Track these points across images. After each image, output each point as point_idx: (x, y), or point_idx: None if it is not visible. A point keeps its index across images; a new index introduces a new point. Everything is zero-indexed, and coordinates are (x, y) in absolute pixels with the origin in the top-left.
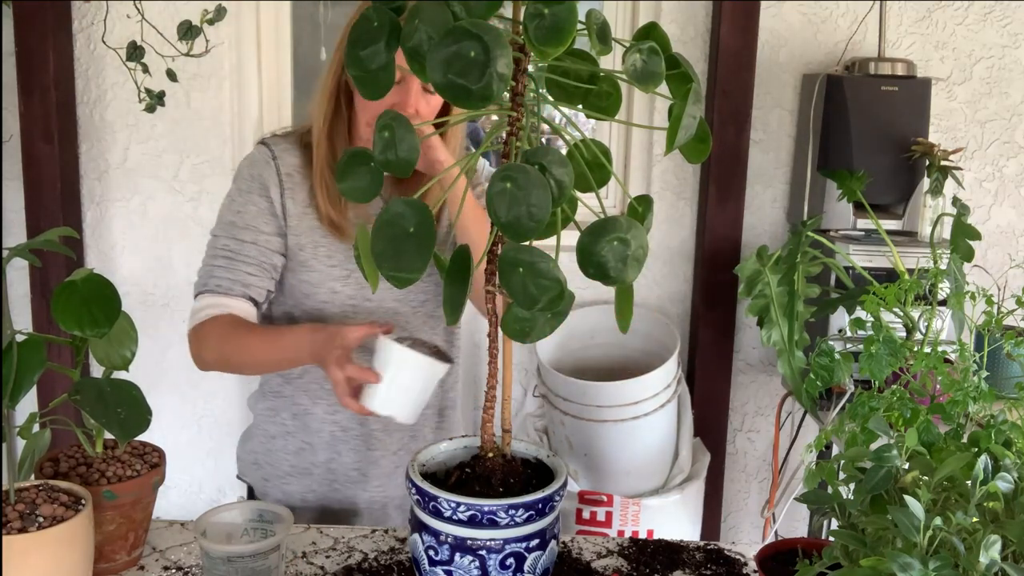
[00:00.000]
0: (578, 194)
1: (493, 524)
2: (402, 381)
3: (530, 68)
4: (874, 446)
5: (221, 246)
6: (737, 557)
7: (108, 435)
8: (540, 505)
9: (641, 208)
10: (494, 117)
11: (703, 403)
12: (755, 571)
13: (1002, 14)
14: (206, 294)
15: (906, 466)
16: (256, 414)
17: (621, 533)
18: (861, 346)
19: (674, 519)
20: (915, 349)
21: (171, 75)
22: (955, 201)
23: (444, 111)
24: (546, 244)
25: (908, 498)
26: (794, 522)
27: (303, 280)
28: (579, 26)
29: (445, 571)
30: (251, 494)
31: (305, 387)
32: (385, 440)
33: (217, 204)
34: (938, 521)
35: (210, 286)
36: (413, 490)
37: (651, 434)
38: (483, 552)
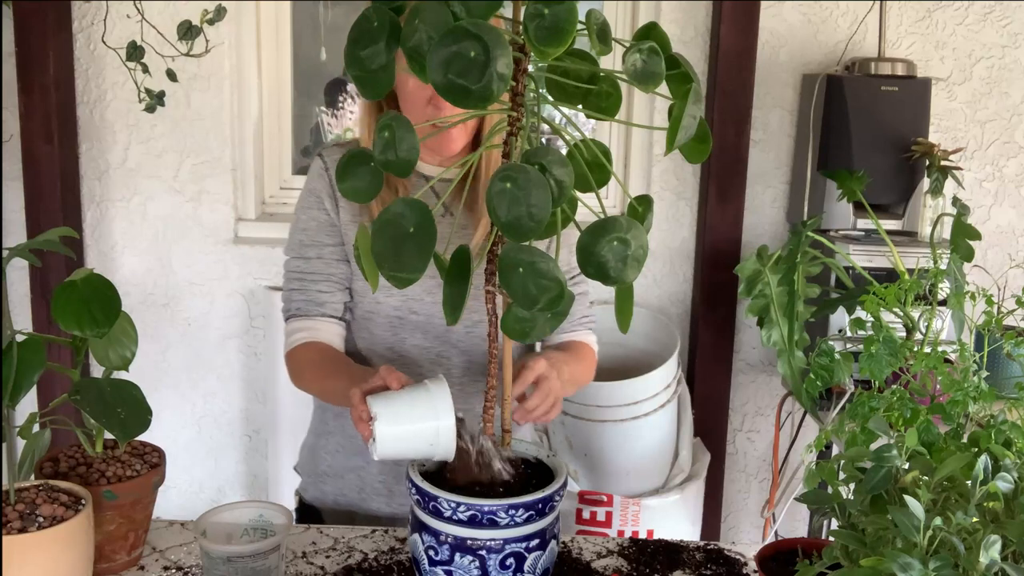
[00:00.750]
0: (578, 194)
1: (493, 524)
2: (416, 417)
3: (530, 68)
4: (874, 446)
5: (293, 268)
6: (737, 557)
7: (108, 435)
8: (540, 505)
9: (641, 208)
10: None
11: (703, 403)
12: (755, 571)
13: (1002, 14)
14: (292, 319)
15: (906, 466)
16: (313, 408)
17: (621, 533)
18: (861, 346)
19: (674, 519)
20: (915, 349)
21: (171, 75)
22: (955, 201)
23: None
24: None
25: (908, 498)
26: (794, 522)
27: (354, 289)
28: (579, 26)
29: (445, 571)
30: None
31: None
32: None
33: (217, 204)
34: (938, 521)
35: (291, 311)
36: (413, 490)
37: (651, 434)
38: (483, 552)
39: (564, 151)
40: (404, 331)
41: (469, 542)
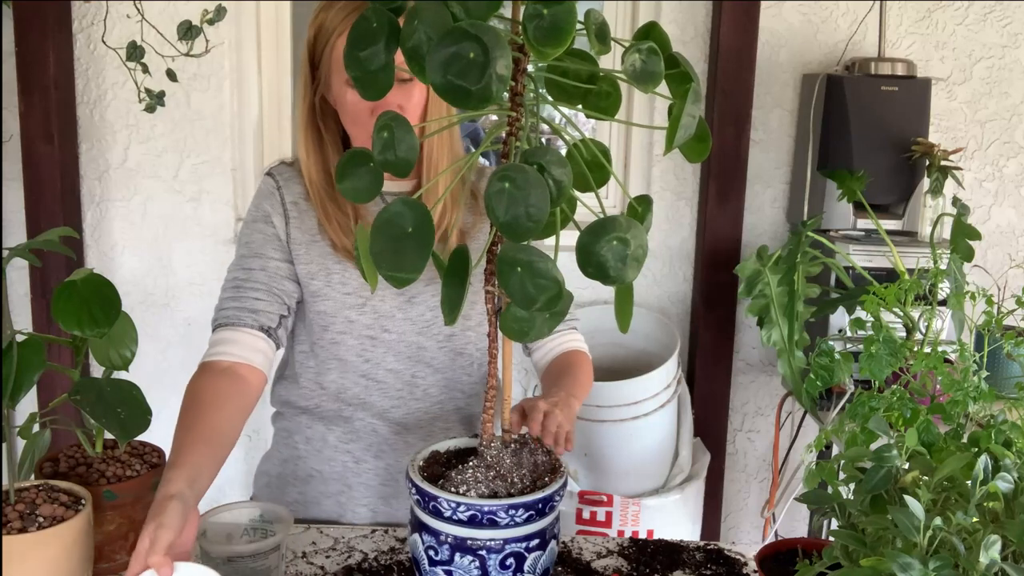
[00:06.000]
0: (577, 194)
1: (493, 524)
2: None
3: (529, 68)
4: (874, 446)
5: (231, 279)
6: (737, 557)
7: (108, 435)
8: (540, 505)
9: (641, 208)
10: (493, 117)
11: (703, 403)
12: (755, 571)
13: (1002, 14)
14: (217, 329)
15: (906, 466)
16: (273, 434)
17: (621, 533)
18: (861, 346)
19: (674, 519)
20: (915, 349)
21: (171, 75)
22: (955, 201)
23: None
24: (546, 244)
25: (908, 498)
26: (794, 522)
27: (319, 311)
28: (578, 26)
29: (445, 571)
30: None
31: (321, 413)
32: (401, 480)
33: (217, 204)
34: (938, 521)
35: (219, 319)
36: (413, 490)
37: (651, 434)
38: (483, 552)
39: (564, 151)
40: (376, 354)
41: (469, 542)
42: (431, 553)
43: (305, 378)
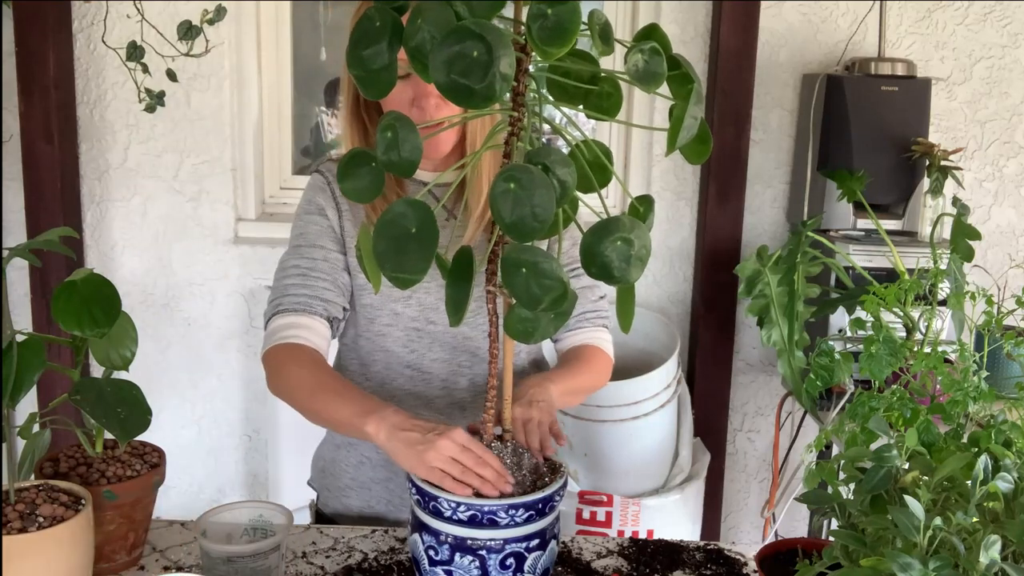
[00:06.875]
0: (579, 194)
1: (493, 524)
2: None
3: (531, 68)
4: (874, 446)
5: (291, 265)
6: (737, 557)
7: (108, 435)
8: (540, 505)
9: (642, 208)
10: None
11: (703, 403)
12: (755, 571)
13: (1002, 14)
14: (280, 314)
15: (906, 466)
16: None
17: (621, 533)
18: (861, 346)
19: (674, 519)
20: (915, 349)
21: (171, 75)
22: (955, 201)
23: None
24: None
25: (908, 498)
26: (794, 522)
27: (366, 304)
28: (581, 27)
29: (445, 571)
30: (317, 504)
31: None
32: None
33: (217, 204)
34: (938, 521)
35: (285, 305)
36: (413, 490)
37: (651, 434)
38: (483, 552)
39: (565, 151)
40: (422, 345)
41: (469, 542)
42: (431, 553)
43: (350, 369)
